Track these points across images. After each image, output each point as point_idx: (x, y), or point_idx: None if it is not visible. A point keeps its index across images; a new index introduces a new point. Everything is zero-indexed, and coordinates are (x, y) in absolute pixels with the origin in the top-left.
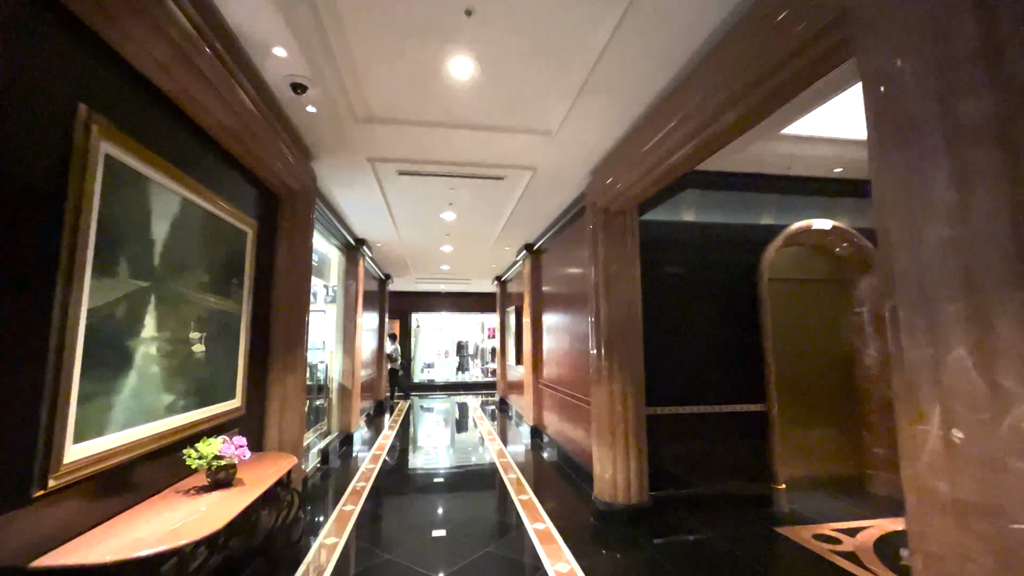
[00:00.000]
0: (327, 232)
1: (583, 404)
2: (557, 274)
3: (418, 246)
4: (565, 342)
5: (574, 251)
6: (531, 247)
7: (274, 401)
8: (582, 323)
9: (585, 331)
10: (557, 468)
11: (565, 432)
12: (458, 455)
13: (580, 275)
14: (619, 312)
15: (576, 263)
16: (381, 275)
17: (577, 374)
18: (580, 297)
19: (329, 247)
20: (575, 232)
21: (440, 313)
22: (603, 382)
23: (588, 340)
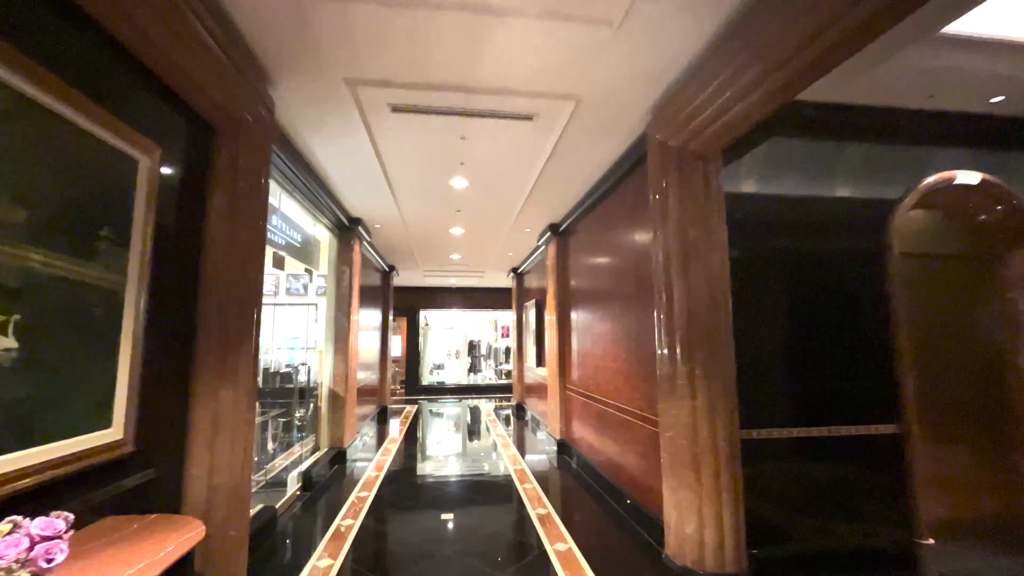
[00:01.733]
0: (312, 207)
1: (640, 423)
2: (593, 257)
3: (424, 228)
4: (606, 340)
5: (623, 222)
6: (557, 228)
7: (200, 427)
8: (636, 315)
9: (639, 325)
10: (597, 498)
11: (609, 455)
12: (473, 483)
13: (634, 252)
14: (701, 297)
15: (625, 238)
16: (384, 266)
17: (628, 382)
18: (632, 282)
19: (316, 227)
20: (627, 195)
21: (450, 310)
22: (680, 395)
23: (645, 337)
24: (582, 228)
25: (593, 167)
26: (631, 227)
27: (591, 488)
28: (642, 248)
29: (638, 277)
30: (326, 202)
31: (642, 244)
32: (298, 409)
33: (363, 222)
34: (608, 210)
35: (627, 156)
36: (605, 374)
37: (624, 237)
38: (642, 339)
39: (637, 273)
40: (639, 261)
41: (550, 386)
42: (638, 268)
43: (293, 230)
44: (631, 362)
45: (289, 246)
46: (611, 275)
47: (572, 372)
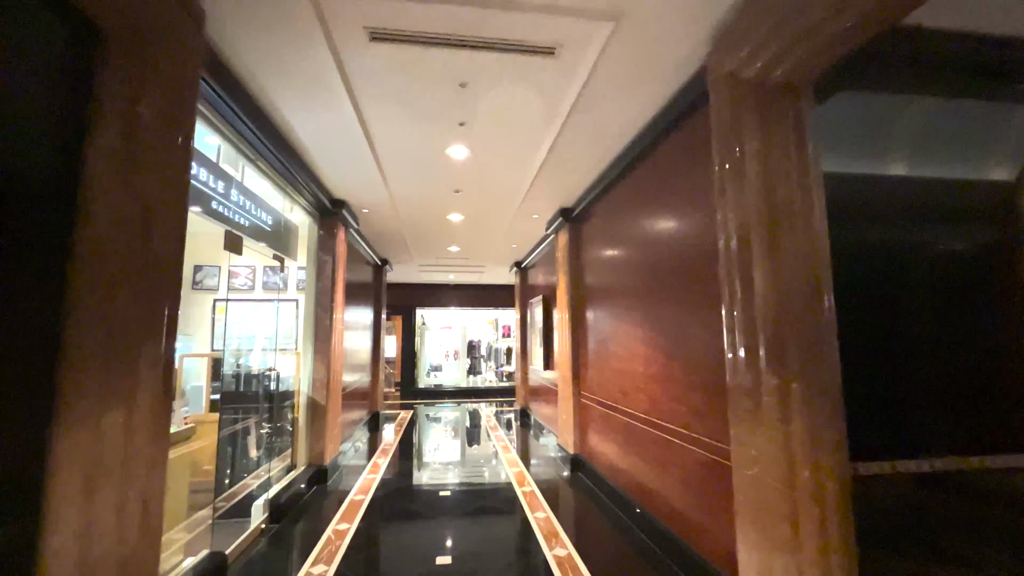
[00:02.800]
0: (286, 184)
1: (687, 444)
2: (616, 245)
3: (418, 214)
4: (634, 341)
5: (662, 195)
6: (570, 213)
7: (67, 470)
8: (682, 310)
9: (687, 322)
10: (626, 532)
11: (640, 480)
12: (476, 511)
13: (680, 232)
14: (795, 280)
15: (665, 215)
16: (376, 260)
17: (667, 391)
18: (676, 269)
19: (294, 212)
20: (669, 160)
21: (448, 309)
22: (768, 418)
23: (695, 337)
24: (600, 212)
25: (623, 124)
26: (675, 200)
27: (617, 518)
28: (694, 225)
29: (685, 262)
30: (302, 179)
31: (694, 220)
32: (266, 423)
33: (348, 205)
34: (639, 183)
35: (672, 106)
36: (634, 381)
37: (663, 214)
38: (690, 339)
39: (684, 258)
40: (689, 242)
41: (561, 393)
42: (686, 251)
43: (261, 210)
44: (672, 367)
45: (255, 229)
46: (642, 264)
47: (588, 377)
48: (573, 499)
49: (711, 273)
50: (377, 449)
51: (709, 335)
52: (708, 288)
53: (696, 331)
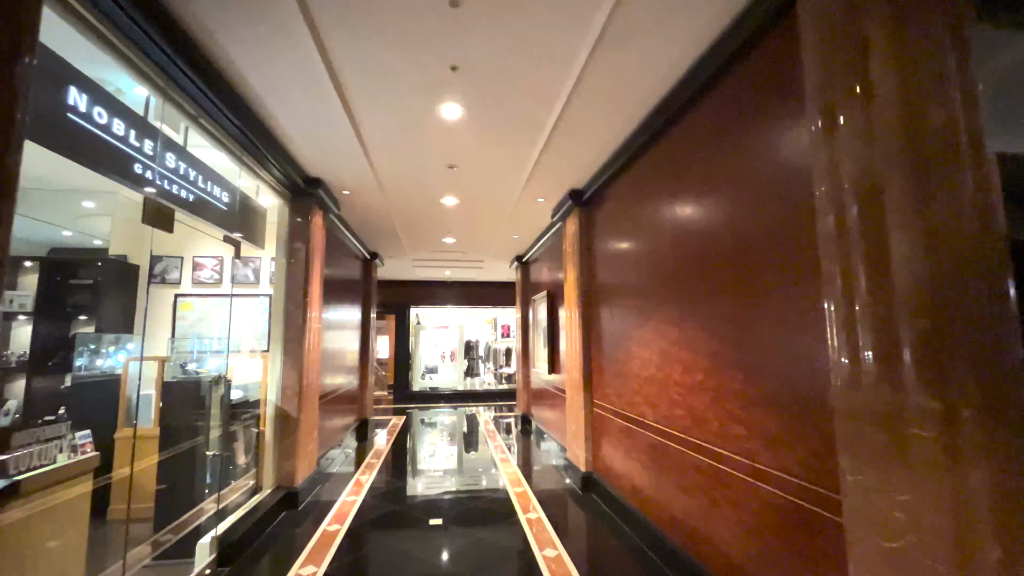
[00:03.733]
0: (247, 155)
1: (749, 478)
2: (640, 230)
3: (408, 196)
4: (668, 342)
5: (716, 154)
6: (580, 196)
7: None
8: (741, 303)
9: (747, 320)
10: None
11: (684, 519)
12: (473, 545)
13: (739, 198)
14: (957, 254)
15: (717, 181)
16: (364, 253)
17: (720, 407)
18: (732, 251)
19: (263, 195)
20: (734, 97)
21: (445, 307)
22: (925, 460)
23: (764, 337)
24: (617, 194)
25: (659, 72)
26: (730, 166)
27: (644, 557)
28: (762, 194)
29: (747, 243)
30: (265, 149)
31: (762, 187)
32: (218, 440)
33: (325, 185)
34: (672, 152)
35: (733, 32)
36: (666, 391)
37: (709, 187)
38: (754, 340)
39: (744, 237)
40: (752, 217)
41: (570, 400)
42: (748, 229)
43: (211, 183)
44: (724, 376)
45: (202, 205)
46: (677, 250)
47: (602, 384)
48: (588, 530)
49: (792, 252)
50: (363, 463)
51: (786, 334)
52: (786, 273)
53: (763, 329)
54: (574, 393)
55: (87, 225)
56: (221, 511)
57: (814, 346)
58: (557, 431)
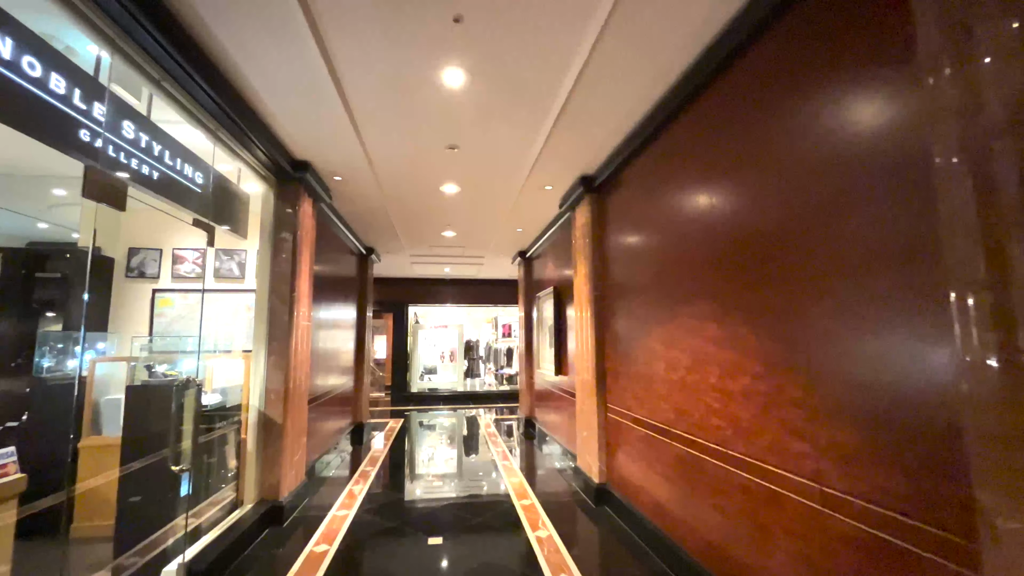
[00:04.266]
0: (217, 126)
1: (829, 513)
2: (668, 211)
3: (404, 183)
4: (702, 342)
5: (761, 116)
6: (592, 183)
7: None
8: (807, 294)
9: (814, 315)
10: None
11: (724, 546)
12: (478, 571)
13: (794, 169)
14: None
15: (770, 145)
16: (360, 248)
17: (771, 417)
18: (794, 226)
19: (247, 179)
20: (792, 40)
21: (444, 306)
22: None
23: (850, 338)
24: (635, 178)
25: (695, 19)
26: (784, 131)
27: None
28: (832, 156)
29: (805, 220)
30: (242, 123)
31: (832, 148)
32: (190, 454)
33: (313, 169)
34: (707, 120)
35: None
36: (699, 397)
37: (754, 158)
38: (822, 339)
39: (799, 213)
40: (813, 187)
41: (580, 404)
42: (804, 202)
43: (180, 160)
44: (778, 382)
45: (168, 184)
46: (713, 235)
47: (618, 387)
48: (605, 552)
49: (870, 230)
50: (357, 470)
51: (868, 330)
52: (862, 256)
53: (831, 325)
54: (585, 397)
55: (62, 216)
56: (194, 531)
57: (911, 345)
58: (564, 436)
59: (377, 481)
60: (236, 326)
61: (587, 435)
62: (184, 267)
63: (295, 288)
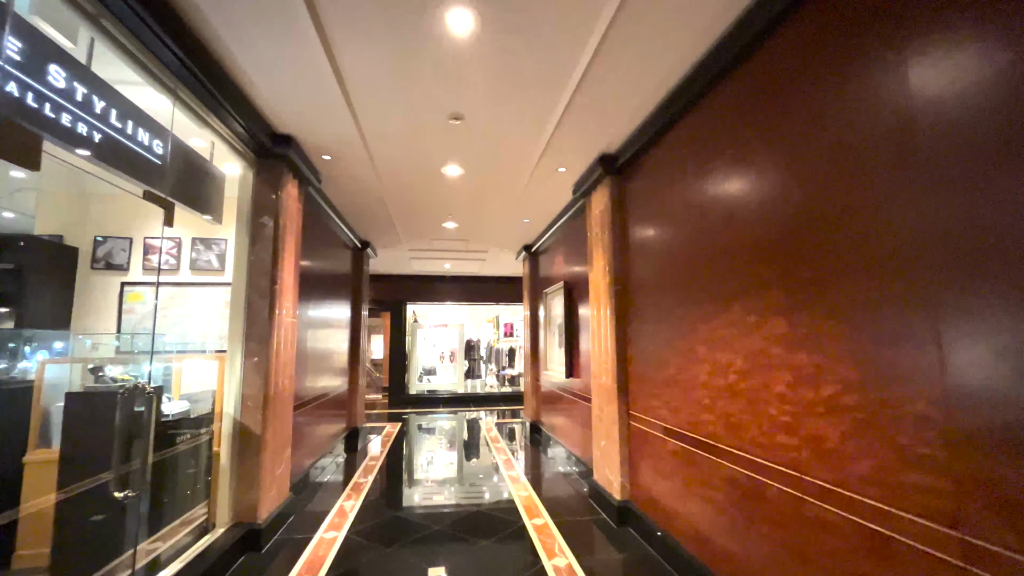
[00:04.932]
0: (184, 89)
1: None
2: (711, 187)
3: (401, 161)
4: (764, 342)
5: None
6: (613, 163)
7: None
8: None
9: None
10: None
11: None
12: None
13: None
14: None
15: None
16: (354, 241)
17: (885, 444)
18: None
19: (222, 156)
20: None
21: (444, 304)
22: None
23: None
24: (668, 153)
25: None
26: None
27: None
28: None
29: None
30: (214, 89)
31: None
32: (143, 475)
33: (298, 145)
34: (766, 76)
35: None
36: (758, 408)
37: (848, 108)
38: (955, 336)
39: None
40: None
41: (599, 412)
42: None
43: (133, 123)
44: (895, 393)
45: (117, 150)
46: (782, 207)
47: (645, 394)
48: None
49: None
50: (350, 483)
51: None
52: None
53: (991, 313)
54: (604, 403)
55: (25, 203)
56: (152, 564)
57: None
58: (577, 445)
59: (371, 495)
60: (214, 324)
61: (606, 446)
62: (157, 257)
63: (277, 280)
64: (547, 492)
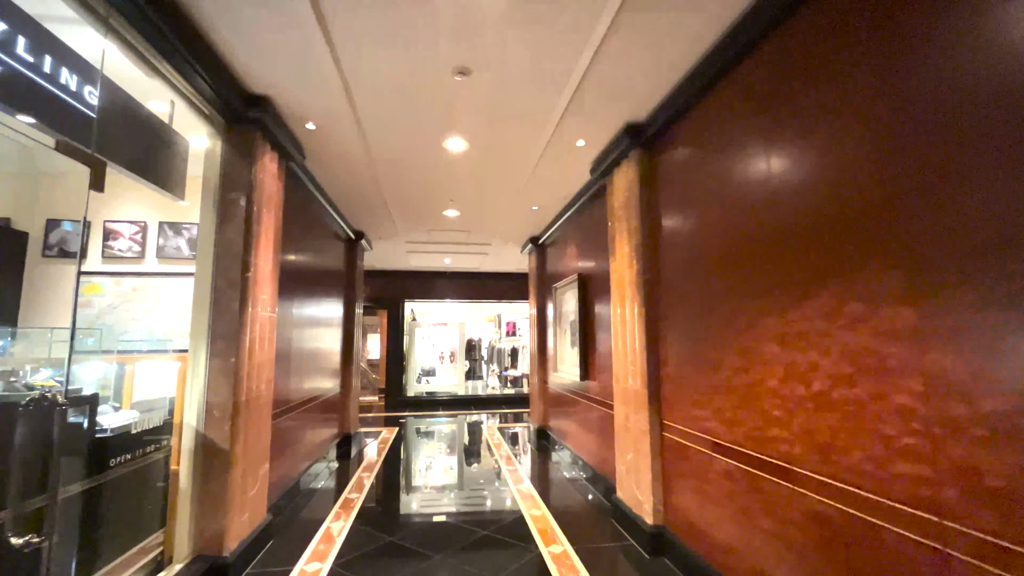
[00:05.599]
0: (132, 28)
1: None
2: (803, 154)
3: (397, 130)
4: (883, 338)
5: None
6: (641, 133)
7: None
8: None
9: None
10: None
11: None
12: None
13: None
14: None
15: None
16: (347, 231)
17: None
18: None
19: (187, 120)
20: None
21: (444, 302)
22: None
23: None
24: (717, 116)
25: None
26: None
27: None
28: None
29: None
30: (172, 34)
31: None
32: (56, 514)
33: (276, 108)
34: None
35: None
36: (872, 426)
37: None
38: None
39: None
40: None
41: (623, 421)
42: None
43: (47, 56)
44: None
45: (23, 86)
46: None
47: (684, 401)
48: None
49: None
50: (340, 499)
51: None
52: None
53: None
54: (631, 411)
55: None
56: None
57: None
58: (594, 456)
59: (364, 513)
60: (185, 320)
61: (634, 460)
62: (119, 244)
63: (251, 267)
64: (562, 511)
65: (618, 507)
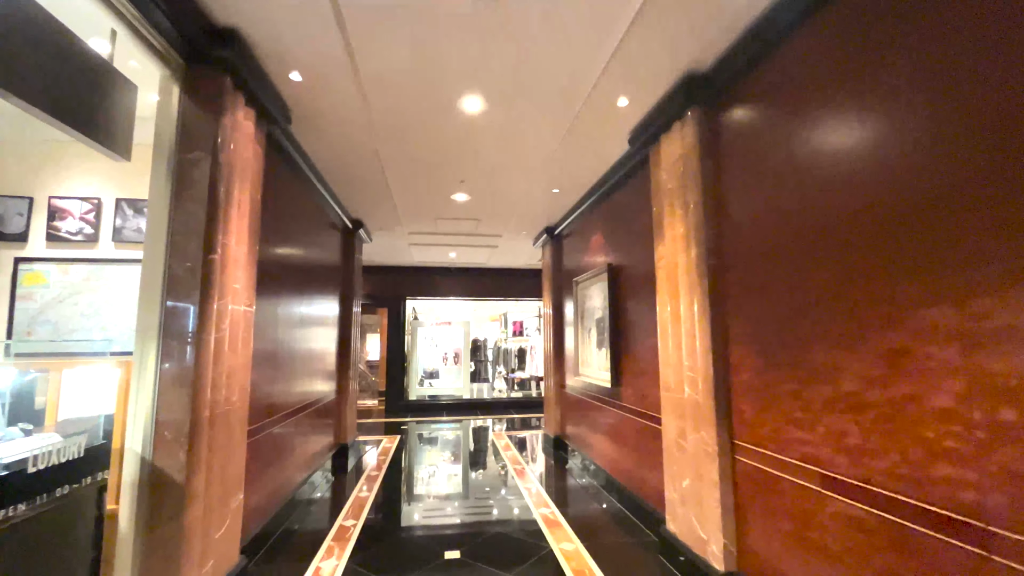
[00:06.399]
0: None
1: None
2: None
3: (403, 81)
4: None
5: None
6: (706, 85)
7: None
8: None
9: None
10: None
11: None
12: None
13: None
14: None
15: None
16: (344, 219)
17: None
18: None
19: (131, 49)
20: None
21: (448, 299)
22: None
23: None
24: (819, 55)
25: None
26: None
27: None
28: None
29: None
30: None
31: None
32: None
33: (250, 47)
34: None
35: None
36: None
37: None
38: None
39: None
40: None
41: (676, 437)
42: None
43: None
44: None
45: None
46: None
47: (774, 419)
48: None
49: None
50: (332, 528)
51: None
52: None
53: None
54: (688, 427)
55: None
56: None
57: None
58: (631, 477)
59: (359, 550)
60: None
61: (693, 487)
62: (67, 224)
63: (216, 247)
64: (598, 546)
65: (670, 544)
